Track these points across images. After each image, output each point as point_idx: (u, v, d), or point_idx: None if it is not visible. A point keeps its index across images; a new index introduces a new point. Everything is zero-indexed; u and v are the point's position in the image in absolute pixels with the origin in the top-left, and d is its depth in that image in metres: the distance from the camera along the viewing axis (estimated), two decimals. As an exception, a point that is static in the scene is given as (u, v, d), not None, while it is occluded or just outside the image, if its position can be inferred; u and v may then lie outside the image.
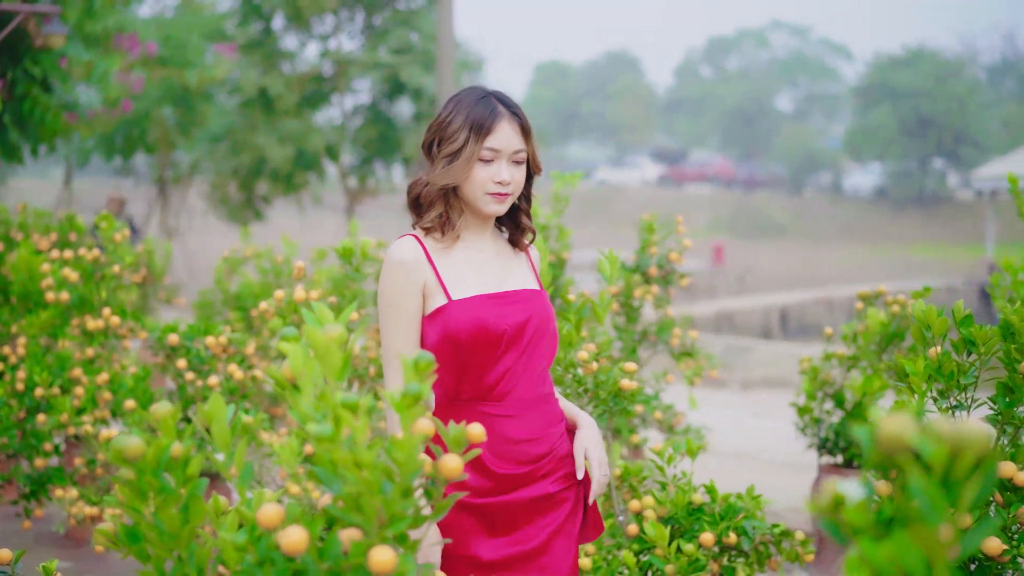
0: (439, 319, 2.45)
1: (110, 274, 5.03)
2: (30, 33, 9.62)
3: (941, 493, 1.01)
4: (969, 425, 1.01)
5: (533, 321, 2.52)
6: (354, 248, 4.16)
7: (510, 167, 2.49)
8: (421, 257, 2.48)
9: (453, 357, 2.45)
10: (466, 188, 2.49)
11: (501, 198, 2.49)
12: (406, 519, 1.62)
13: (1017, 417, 2.64)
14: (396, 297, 2.46)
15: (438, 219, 2.52)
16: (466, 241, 2.57)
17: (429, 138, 2.55)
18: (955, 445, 1.00)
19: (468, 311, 2.45)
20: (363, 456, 1.58)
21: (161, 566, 1.70)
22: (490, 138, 2.46)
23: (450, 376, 2.47)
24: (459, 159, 2.46)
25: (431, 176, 2.50)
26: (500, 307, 2.49)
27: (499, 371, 2.47)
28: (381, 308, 2.49)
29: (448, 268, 2.51)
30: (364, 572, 1.59)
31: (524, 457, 2.49)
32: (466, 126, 2.46)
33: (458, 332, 2.43)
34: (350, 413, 1.61)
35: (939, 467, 1.00)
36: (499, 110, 2.49)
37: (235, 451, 1.75)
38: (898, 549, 1.03)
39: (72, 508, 4.46)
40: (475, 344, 2.44)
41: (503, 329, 2.46)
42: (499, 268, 2.59)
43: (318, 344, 1.66)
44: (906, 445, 1.04)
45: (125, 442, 1.60)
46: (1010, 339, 2.65)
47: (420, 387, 1.66)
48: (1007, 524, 2.56)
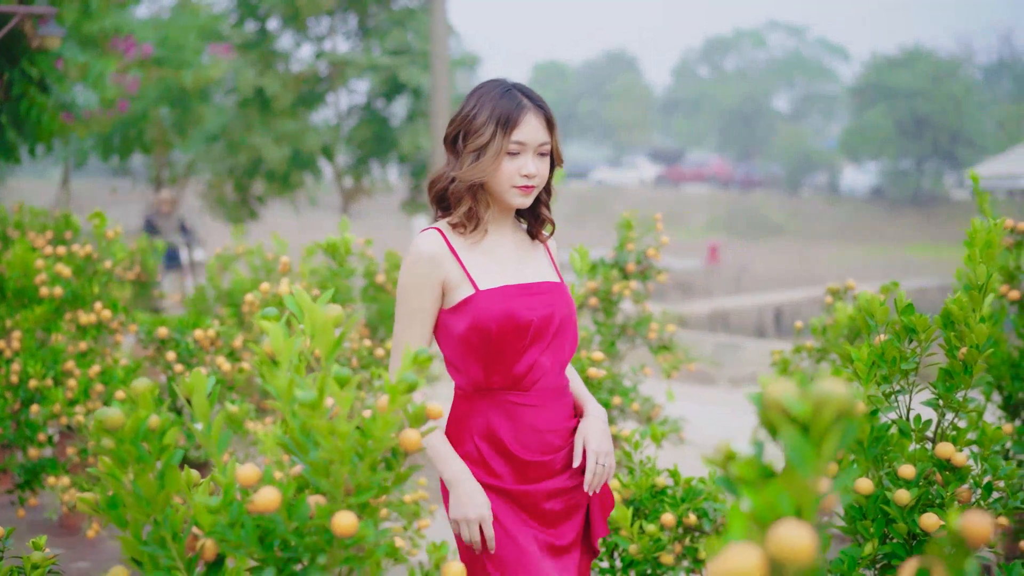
0: (466, 310, 2.48)
1: (102, 270, 5.17)
2: (26, 34, 9.75)
3: (807, 444, 1.15)
4: (833, 385, 1.16)
5: (558, 314, 2.56)
6: (339, 244, 4.30)
7: (536, 160, 2.51)
8: (444, 251, 2.51)
9: (482, 347, 2.47)
10: (493, 182, 2.51)
11: (527, 191, 2.51)
12: (371, 490, 1.77)
13: (956, 401, 2.79)
14: (414, 289, 2.49)
15: (466, 214, 2.53)
16: (490, 234, 2.59)
17: (453, 132, 2.55)
18: (818, 402, 1.14)
19: (497, 301, 2.48)
20: (341, 426, 1.73)
21: (139, 530, 1.84)
22: (516, 131, 2.47)
23: (479, 366, 2.50)
24: (487, 154, 2.47)
25: (460, 172, 2.51)
26: (527, 298, 2.52)
27: (527, 361, 2.50)
28: (398, 298, 2.53)
29: (473, 260, 2.53)
30: (327, 534, 1.74)
31: (548, 447, 2.55)
32: (492, 120, 2.47)
33: (487, 321, 2.45)
34: (339, 387, 1.75)
35: (805, 422, 1.15)
36: (524, 103, 2.50)
37: (213, 421, 1.90)
38: (773, 496, 1.17)
39: (64, 495, 4.60)
40: (504, 334, 2.46)
41: (530, 320, 2.48)
42: (520, 260, 2.61)
43: (316, 323, 1.80)
44: (782, 406, 1.19)
45: (106, 413, 1.75)
46: (950, 327, 2.79)
47: (416, 377, 1.80)
48: (946, 502, 2.71)
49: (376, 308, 6.43)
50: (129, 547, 1.84)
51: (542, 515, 2.55)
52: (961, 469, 2.71)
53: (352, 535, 1.68)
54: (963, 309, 2.77)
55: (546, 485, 2.55)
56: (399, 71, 17.27)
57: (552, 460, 2.56)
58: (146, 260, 7.70)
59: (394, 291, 6.43)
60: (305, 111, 18.48)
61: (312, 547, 1.72)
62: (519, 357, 2.49)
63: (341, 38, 19.20)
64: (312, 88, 18.63)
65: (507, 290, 2.51)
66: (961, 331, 2.76)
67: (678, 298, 29.60)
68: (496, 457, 2.52)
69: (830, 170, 57.45)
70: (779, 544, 1.04)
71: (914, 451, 2.75)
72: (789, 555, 1.04)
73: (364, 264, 6.48)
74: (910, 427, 2.77)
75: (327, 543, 1.73)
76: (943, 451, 2.70)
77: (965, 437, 2.78)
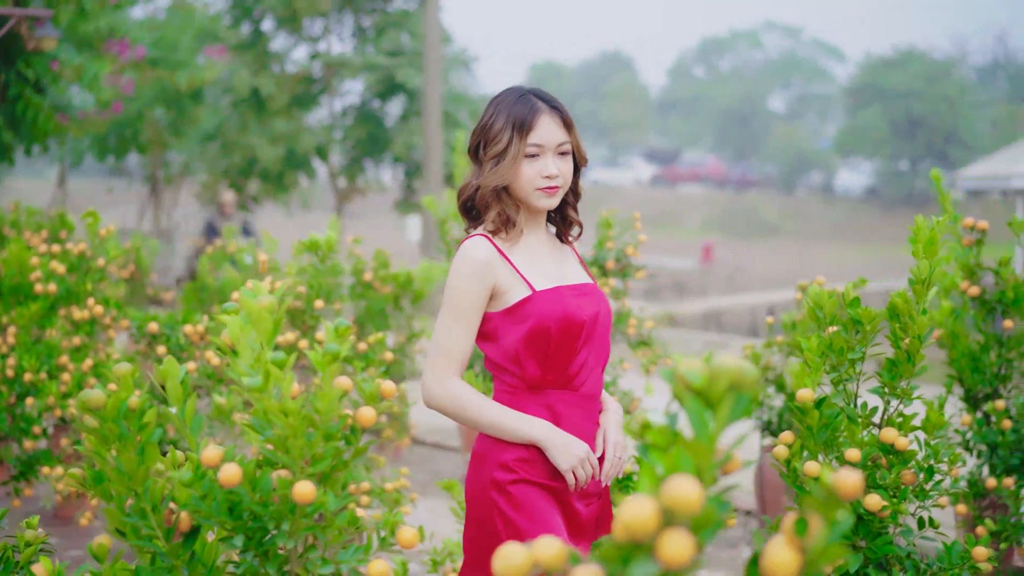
0: (523, 311, 2.51)
1: (95, 267, 5.31)
2: (23, 36, 9.90)
3: (704, 412, 1.30)
4: (730, 360, 1.31)
5: (602, 315, 2.61)
6: (322, 243, 4.45)
7: (556, 160, 2.55)
8: (495, 255, 2.53)
9: (541, 347, 2.50)
10: (516, 186, 2.55)
11: (551, 191, 2.55)
12: (327, 459, 1.92)
13: (900, 389, 2.95)
14: (465, 293, 2.51)
15: (499, 218, 2.56)
16: (526, 236, 2.63)
17: (474, 143, 2.60)
18: (713, 375, 1.29)
19: (554, 302, 2.52)
20: (288, 405, 1.88)
21: (122, 503, 2.00)
22: (533, 134, 2.52)
23: (536, 366, 2.52)
24: (505, 158, 2.51)
25: (481, 179, 2.55)
26: (578, 298, 2.57)
27: (579, 362, 2.54)
28: (446, 302, 2.55)
29: (521, 262, 2.56)
30: (290, 504, 1.89)
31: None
32: (508, 125, 2.52)
33: (547, 321, 2.49)
34: (278, 369, 1.91)
35: (703, 392, 1.30)
36: (538, 106, 2.55)
37: (186, 405, 2.05)
38: (676, 458, 1.32)
39: (59, 485, 4.75)
40: (561, 334, 2.50)
41: (583, 320, 2.53)
42: (557, 262, 2.66)
43: (251, 311, 1.95)
44: (685, 379, 1.34)
45: (89, 395, 1.90)
46: (896, 320, 2.95)
47: (339, 347, 1.96)
48: (890, 484, 2.86)
49: (364, 305, 6.58)
50: (113, 518, 2.00)
51: (573, 517, 2.55)
52: (904, 453, 2.87)
53: (311, 502, 1.83)
54: (907, 303, 2.91)
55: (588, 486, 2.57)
56: (395, 71, 17.42)
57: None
58: (140, 258, 7.84)
59: (382, 288, 6.58)
60: (300, 111, 18.62)
61: (276, 515, 1.87)
62: (573, 357, 2.53)
63: (336, 39, 19.35)
64: (307, 89, 18.78)
65: (561, 291, 2.55)
66: (905, 323, 2.91)
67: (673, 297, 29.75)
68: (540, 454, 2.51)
69: (825, 170, 57.64)
70: (670, 495, 1.19)
71: (860, 436, 2.91)
72: (678, 505, 1.19)
73: (352, 262, 6.64)
74: (857, 414, 2.93)
75: (290, 512, 1.88)
76: (887, 436, 2.85)
77: (910, 424, 2.94)
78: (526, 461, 2.50)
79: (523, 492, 2.49)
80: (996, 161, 28.19)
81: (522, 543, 2.28)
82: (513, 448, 2.51)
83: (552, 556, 1.34)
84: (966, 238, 4.48)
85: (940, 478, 2.92)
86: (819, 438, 2.89)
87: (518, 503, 2.48)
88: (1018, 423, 4.27)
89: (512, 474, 2.49)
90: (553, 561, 1.34)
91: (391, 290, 6.51)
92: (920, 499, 2.91)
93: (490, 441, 2.55)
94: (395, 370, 6.54)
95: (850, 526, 2.85)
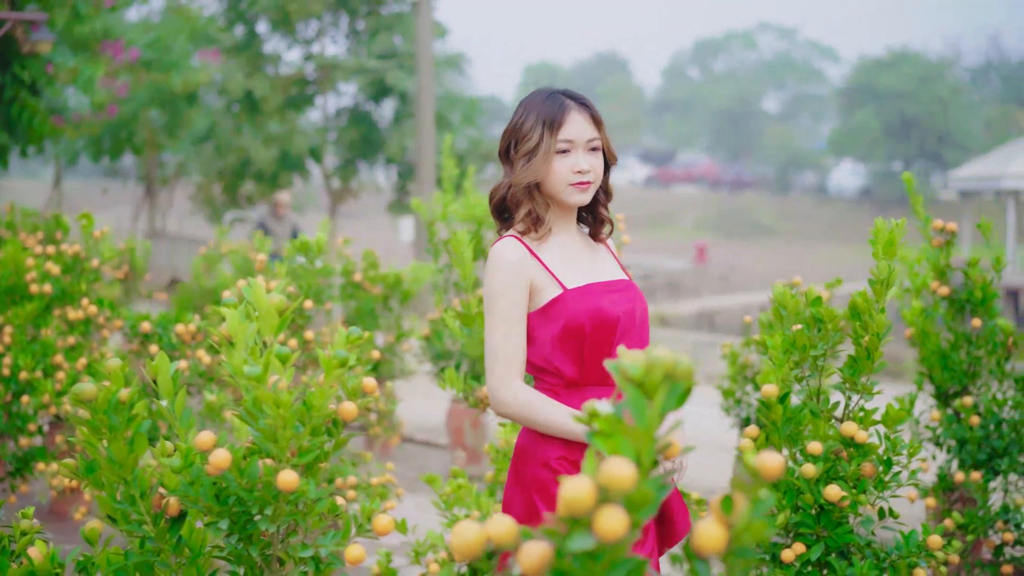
0: (555, 310, 2.53)
1: (89, 268, 5.43)
2: (18, 39, 10.01)
3: (642, 400, 1.43)
4: (665, 353, 1.43)
5: (638, 310, 2.62)
6: (310, 244, 4.57)
7: (588, 155, 2.58)
8: (526, 255, 2.55)
9: (576, 345, 2.52)
10: (548, 182, 2.57)
11: (584, 187, 2.57)
12: (313, 452, 2.04)
13: (861, 384, 3.07)
14: (503, 295, 2.52)
15: (528, 217, 2.59)
16: (557, 235, 2.64)
17: (505, 144, 2.64)
18: (649, 366, 1.42)
19: (586, 299, 2.53)
20: (283, 397, 2.00)
21: (113, 491, 2.12)
22: (563, 130, 2.55)
23: (572, 364, 2.53)
24: (537, 155, 2.54)
25: (513, 177, 2.58)
26: (611, 294, 2.58)
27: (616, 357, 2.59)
28: (487, 308, 2.56)
29: (552, 262, 2.58)
30: (274, 490, 2.01)
31: None
32: (539, 123, 2.55)
33: (580, 319, 2.51)
34: (281, 363, 2.03)
35: (639, 382, 1.42)
36: (567, 103, 2.58)
37: (176, 399, 2.17)
38: (618, 443, 1.45)
39: (53, 481, 4.87)
40: (595, 331, 2.51)
41: (617, 316, 2.54)
42: (590, 260, 2.67)
43: (261, 306, 2.08)
44: (625, 370, 1.47)
45: (82, 388, 2.02)
46: (857, 318, 3.07)
47: (348, 353, 2.08)
48: (850, 476, 2.99)
49: (354, 305, 6.70)
50: (104, 505, 2.12)
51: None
52: (864, 446, 2.99)
53: (293, 490, 1.96)
54: (867, 302, 3.04)
55: None
56: (386, 74, 17.55)
57: None
58: (134, 259, 7.96)
59: (371, 289, 6.70)
60: (294, 113, 18.74)
61: (260, 501, 1.99)
62: (609, 352, 2.55)
63: (330, 41, 19.47)
64: (301, 91, 18.90)
65: (592, 288, 2.57)
66: (865, 321, 3.04)
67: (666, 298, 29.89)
68: (582, 453, 2.53)
69: (819, 171, 57.82)
70: (605, 475, 1.32)
71: (823, 430, 3.03)
72: (613, 483, 1.31)
73: (343, 263, 6.76)
74: (819, 408, 3.05)
75: (273, 498, 2.00)
76: (847, 430, 2.97)
77: (871, 418, 3.06)
78: (567, 460, 2.51)
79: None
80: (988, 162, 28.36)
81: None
82: (556, 446, 2.51)
83: (504, 533, 1.46)
84: (936, 239, 4.61)
85: (898, 470, 3.04)
86: (783, 432, 3.02)
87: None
88: (986, 419, 4.40)
89: (555, 473, 2.51)
90: (505, 537, 1.47)
91: (380, 290, 6.63)
92: (880, 490, 3.04)
93: (533, 436, 2.57)
94: (384, 369, 6.66)
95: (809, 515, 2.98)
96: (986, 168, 27.59)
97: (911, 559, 2.98)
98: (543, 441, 2.54)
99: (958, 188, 28.93)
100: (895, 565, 3.01)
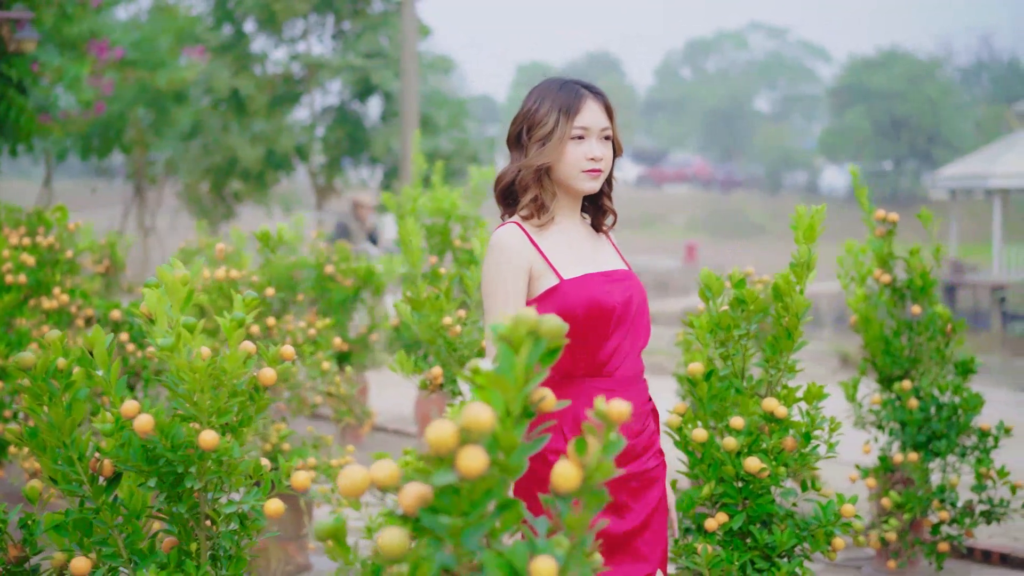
0: (552, 299, 2.55)
1: (64, 259, 5.58)
2: (3, 38, 10.15)
3: (510, 355, 1.58)
4: (531, 313, 1.58)
5: (635, 300, 2.63)
6: (269, 235, 4.72)
7: (600, 144, 2.60)
8: (525, 242, 2.57)
9: (569, 334, 2.46)
10: (560, 168, 2.59)
11: (595, 174, 2.60)
12: (231, 413, 2.20)
13: (781, 362, 3.23)
14: (502, 281, 2.53)
15: (532, 203, 2.60)
16: (560, 224, 2.65)
17: (516, 129, 2.65)
18: (514, 324, 1.57)
19: (581, 289, 2.54)
20: (196, 363, 2.16)
21: (55, 454, 2.27)
22: (579, 117, 2.57)
23: (565, 354, 2.50)
24: (552, 140, 2.56)
25: (525, 160, 2.60)
26: (608, 284, 2.59)
27: (609, 348, 2.56)
28: (485, 293, 2.57)
29: (551, 250, 2.59)
30: (198, 451, 2.17)
31: (629, 432, 2.59)
32: (554, 109, 2.57)
33: (574, 309, 2.52)
34: (189, 332, 2.19)
35: (506, 338, 1.57)
36: (583, 91, 2.61)
37: (112, 368, 2.32)
38: (490, 392, 1.60)
39: (25, 463, 5.01)
40: (589, 321, 2.52)
41: (613, 306, 2.55)
42: (592, 249, 2.69)
43: (167, 282, 2.23)
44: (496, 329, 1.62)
45: (21, 356, 2.17)
46: (779, 299, 3.23)
47: (245, 316, 2.23)
48: (770, 449, 3.15)
49: (326, 297, 6.84)
50: (46, 467, 2.27)
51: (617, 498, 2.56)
52: (784, 421, 3.15)
53: (214, 449, 2.11)
54: (788, 284, 3.20)
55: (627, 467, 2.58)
56: (371, 73, 17.70)
57: (633, 445, 2.61)
58: (114, 254, 8.10)
59: (343, 281, 6.85)
60: (280, 111, 18.89)
61: (186, 460, 2.15)
62: (603, 343, 2.56)
63: (316, 41, 19.62)
64: (288, 89, 19.04)
65: (589, 278, 2.58)
66: (786, 302, 3.20)
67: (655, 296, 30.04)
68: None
69: (810, 170, 58.04)
70: (465, 418, 1.47)
71: (750, 407, 3.19)
72: (472, 426, 1.46)
73: (315, 256, 6.91)
74: (743, 385, 3.21)
75: (198, 458, 2.16)
76: (768, 405, 3.13)
77: (794, 395, 3.22)
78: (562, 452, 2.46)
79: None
80: (974, 161, 28.50)
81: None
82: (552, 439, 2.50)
83: (386, 475, 1.61)
84: (878, 229, 4.77)
85: (817, 444, 3.20)
86: (708, 408, 3.17)
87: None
88: (925, 403, 4.56)
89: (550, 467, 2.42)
90: (387, 480, 1.61)
91: (352, 283, 6.78)
92: (800, 463, 3.19)
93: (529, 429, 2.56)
94: (356, 359, 6.81)
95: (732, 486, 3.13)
96: (973, 167, 27.72)
97: (828, 527, 3.14)
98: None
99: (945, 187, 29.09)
100: (814, 534, 3.16)
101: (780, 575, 3.09)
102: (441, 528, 1.51)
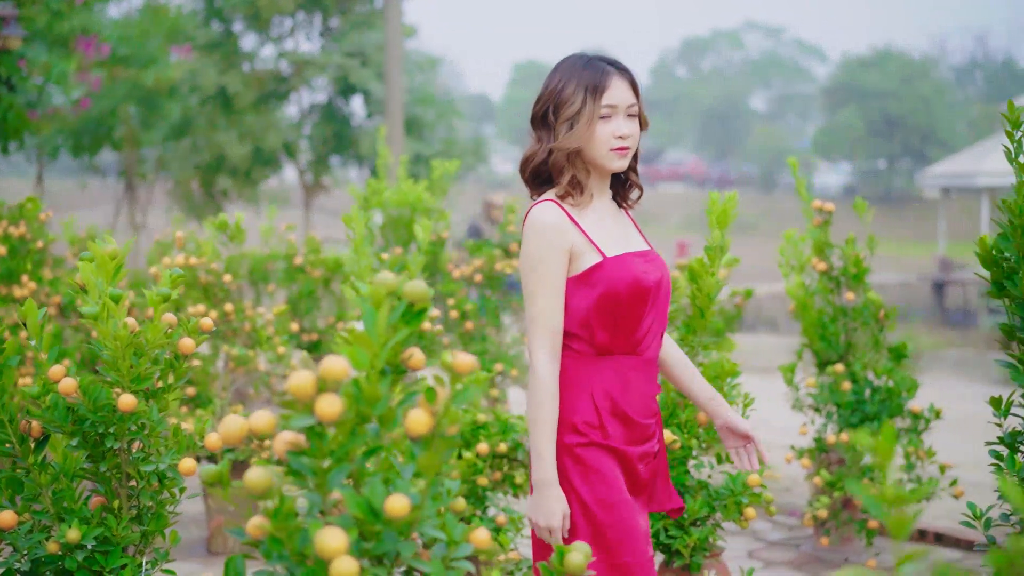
0: (594, 277, 2.52)
1: (34, 248, 5.75)
2: (-11, 35, 10.28)
3: (373, 314, 1.75)
4: (392, 275, 1.76)
5: (664, 281, 2.63)
6: (226, 223, 4.90)
7: (627, 121, 2.57)
8: (565, 220, 2.53)
9: (611, 313, 2.51)
10: (590, 148, 2.55)
11: (623, 152, 2.56)
12: (149, 379, 2.37)
13: (697, 342, 3.40)
14: (544, 260, 2.50)
15: (570, 184, 2.57)
16: (594, 203, 2.63)
17: (541, 109, 2.60)
18: (376, 285, 1.74)
19: (623, 268, 2.53)
20: (120, 332, 2.33)
21: (-12, 418, 2.44)
22: (606, 95, 2.53)
23: (605, 332, 2.52)
24: (580, 120, 2.52)
25: (556, 143, 2.55)
26: (645, 264, 2.59)
27: (645, 327, 2.56)
28: (526, 271, 2.53)
29: (590, 228, 2.57)
30: (116, 411, 2.34)
31: (649, 411, 2.61)
32: (581, 88, 2.53)
33: (618, 287, 2.50)
34: (114, 303, 2.36)
35: (368, 297, 1.74)
36: (609, 69, 2.57)
37: (43, 338, 2.49)
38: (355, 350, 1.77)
39: (-7, 445, 5.19)
40: (631, 299, 2.51)
41: (650, 285, 2.55)
42: (622, 228, 2.68)
43: (98, 256, 2.40)
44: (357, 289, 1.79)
45: (-46, 325, 2.35)
46: (694, 281, 3.40)
47: (169, 291, 2.41)
48: (683, 423, 3.32)
49: (297, 288, 7.02)
50: (-22, 430, 2.44)
51: (635, 478, 2.60)
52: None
53: (131, 411, 2.28)
54: (702, 266, 3.37)
55: (642, 448, 2.60)
56: (350, 73, 17.89)
57: (651, 424, 2.62)
58: (93, 247, 8.29)
59: (312, 272, 7.03)
60: (267, 109, 19.06)
61: (105, 421, 2.32)
62: (640, 323, 2.54)
63: (303, 38, 19.78)
64: (276, 87, 19.21)
65: (629, 257, 2.57)
66: (700, 284, 3.37)
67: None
68: (612, 419, 2.54)
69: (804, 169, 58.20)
70: (323, 368, 1.64)
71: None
72: (328, 375, 1.64)
73: (285, 248, 7.09)
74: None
75: (119, 420, 2.33)
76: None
77: (709, 372, 3.39)
78: (594, 426, 2.53)
79: (592, 455, 2.51)
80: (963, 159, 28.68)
81: (590, 504, 2.48)
82: (581, 410, 2.53)
83: (264, 424, 1.78)
84: (816, 219, 4.95)
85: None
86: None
87: (587, 466, 2.50)
88: (859, 386, 4.73)
89: (582, 437, 2.52)
90: (264, 428, 1.78)
91: (321, 273, 6.95)
92: (711, 437, 3.37)
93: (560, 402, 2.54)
94: (325, 349, 6.98)
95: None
96: (961, 165, 27.89)
97: (737, 497, 3.31)
98: (569, 407, 2.53)
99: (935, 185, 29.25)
100: (726, 503, 3.34)
101: (691, 540, 3.27)
102: (305, 468, 1.68)
